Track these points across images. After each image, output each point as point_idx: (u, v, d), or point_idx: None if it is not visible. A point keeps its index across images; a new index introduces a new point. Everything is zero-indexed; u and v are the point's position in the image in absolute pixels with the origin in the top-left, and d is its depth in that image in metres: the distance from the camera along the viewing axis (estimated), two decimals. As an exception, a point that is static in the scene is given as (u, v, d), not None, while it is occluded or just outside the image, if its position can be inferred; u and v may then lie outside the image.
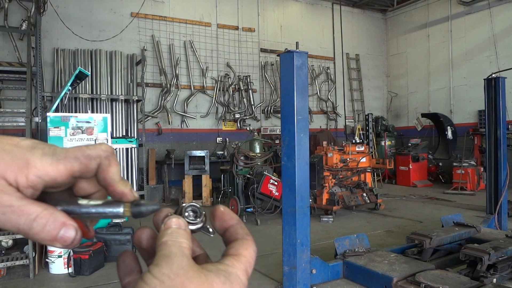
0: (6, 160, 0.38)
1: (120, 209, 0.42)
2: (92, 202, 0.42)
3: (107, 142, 5.49)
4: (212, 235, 0.46)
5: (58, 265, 4.88)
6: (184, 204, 0.45)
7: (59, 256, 4.87)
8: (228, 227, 0.46)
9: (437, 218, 6.65)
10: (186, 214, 0.44)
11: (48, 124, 5.24)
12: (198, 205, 0.45)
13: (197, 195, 9.85)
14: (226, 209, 0.47)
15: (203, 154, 9.82)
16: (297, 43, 4.49)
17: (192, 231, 0.43)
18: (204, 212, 0.45)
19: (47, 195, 0.40)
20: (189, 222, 0.43)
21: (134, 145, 8.51)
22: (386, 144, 14.18)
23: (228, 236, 0.46)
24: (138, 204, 0.43)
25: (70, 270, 4.81)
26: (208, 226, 0.46)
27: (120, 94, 10.34)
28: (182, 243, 0.39)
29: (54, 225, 0.38)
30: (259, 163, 8.39)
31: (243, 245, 0.44)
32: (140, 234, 0.45)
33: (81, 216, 0.41)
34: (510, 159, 6.85)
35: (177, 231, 0.40)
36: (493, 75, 6.24)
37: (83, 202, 0.42)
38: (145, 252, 0.45)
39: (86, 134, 5.40)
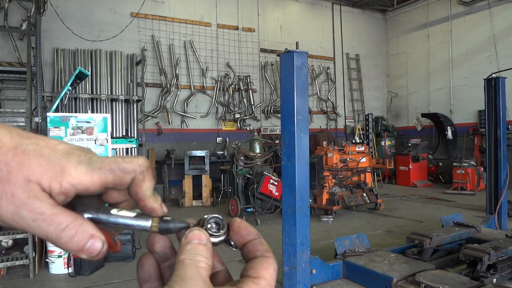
0: (42, 166, 0.37)
1: (148, 223, 0.42)
2: (121, 213, 0.42)
3: (107, 142, 5.49)
4: (234, 249, 0.46)
5: (58, 265, 4.88)
6: (206, 216, 0.44)
7: (59, 256, 4.87)
8: (246, 242, 0.45)
9: (437, 218, 6.65)
10: (209, 226, 0.43)
11: (48, 124, 5.24)
12: (221, 217, 0.44)
13: (197, 195, 9.85)
14: (243, 222, 0.46)
15: (203, 154, 9.82)
16: (297, 43, 4.49)
17: (214, 244, 0.43)
18: (227, 224, 0.45)
19: (76, 199, 0.40)
20: (211, 235, 0.43)
21: (134, 145, 8.51)
22: (386, 144, 14.18)
23: (246, 252, 0.45)
24: (167, 221, 0.43)
25: (70, 270, 4.81)
26: (230, 240, 0.45)
27: (120, 94, 10.34)
28: (200, 263, 0.38)
29: (82, 237, 0.38)
30: (259, 163, 8.39)
31: (263, 264, 0.42)
32: (153, 240, 0.45)
33: (108, 226, 0.41)
34: (510, 159, 6.85)
35: (197, 248, 0.39)
36: (493, 75, 6.24)
37: (113, 211, 0.42)
38: (158, 255, 0.45)
39: (86, 134, 5.40)
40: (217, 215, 0.44)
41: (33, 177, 0.36)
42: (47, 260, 4.96)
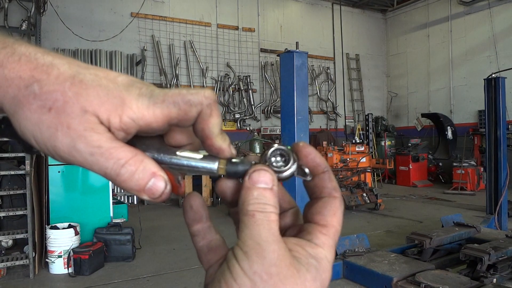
0: (101, 97, 0.34)
1: (215, 165, 0.38)
2: (185, 154, 0.38)
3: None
4: (309, 179, 0.40)
5: (58, 265, 4.88)
6: (269, 150, 0.39)
7: (59, 256, 4.87)
8: (314, 174, 0.40)
9: (437, 218, 6.65)
10: (273, 160, 0.38)
11: (48, 124, 5.23)
12: (284, 147, 0.39)
13: (197, 195, 9.84)
14: (310, 148, 0.40)
15: (203, 154, 9.81)
16: (297, 43, 4.50)
17: (282, 179, 0.38)
18: (294, 155, 0.39)
19: (137, 139, 0.37)
20: (278, 171, 0.38)
21: (134, 145, 8.51)
22: (386, 144, 14.19)
23: (312, 187, 0.40)
24: (235, 163, 0.38)
25: (70, 270, 4.81)
26: (303, 168, 0.39)
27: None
28: (271, 215, 0.35)
29: (144, 174, 0.34)
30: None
31: (331, 209, 0.39)
32: (223, 187, 0.40)
33: (171, 167, 0.37)
34: (510, 159, 6.85)
35: (265, 195, 0.35)
36: (493, 75, 6.25)
37: (177, 152, 0.38)
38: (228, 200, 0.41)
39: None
40: (280, 146, 0.39)
41: (90, 108, 0.33)
42: (47, 260, 4.96)
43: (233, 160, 0.38)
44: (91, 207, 5.59)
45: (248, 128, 12.74)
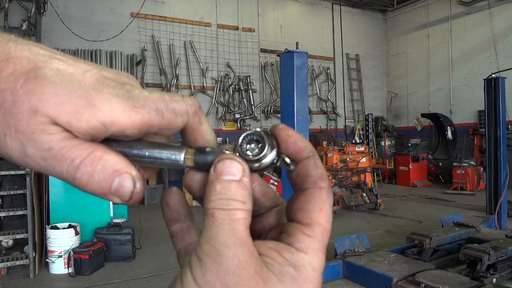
0: (59, 95, 0.28)
1: (181, 155, 0.32)
2: (146, 144, 0.32)
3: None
4: (292, 167, 0.34)
5: (58, 265, 4.88)
6: (241, 136, 0.33)
7: (59, 256, 4.88)
8: (297, 161, 0.34)
9: (437, 218, 6.66)
10: (247, 147, 0.32)
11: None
12: (260, 131, 0.33)
13: (197, 195, 9.84)
14: (291, 131, 0.34)
15: (203, 154, 9.82)
16: (297, 43, 4.50)
17: (259, 170, 0.33)
18: (272, 140, 0.33)
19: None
20: (251, 160, 0.32)
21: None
22: (386, 144, 14.19)
23: (294, 177, 0.34)
24: (205, 152, 0.32)
25: (70, 270, 4.81)
26: (284, 157, 0.33)
27: (120, 94, 10.34)
28: (235, 214, 0.29)
29: (104, 174, 0.28)
30: (259, 163, 8.39)
31: (316, 203, 0.32)
32: (188, 180, 0.35)
33: (132, 159, 0.32)
34: (510, 159, 6.86)
35: (229, 188, 0.30)
36: (493, 75, 6.25)
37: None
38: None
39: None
40: (254, 130, 0.33)
41: (43, 108, 0.28)
42: (47, 260, 4.96)
43: (204, 148, 0.33)
44: (91, 207, 5.59)
45: (248, 128, 12.72)
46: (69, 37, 10.32)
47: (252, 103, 13.03)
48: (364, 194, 8.40)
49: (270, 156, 0.32)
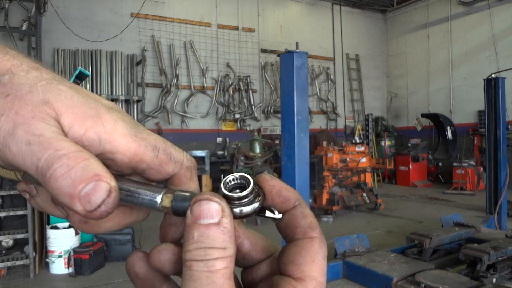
0: (74, 101, 0.29)
1: (158, 197, 0.30)
2: (126, 180, 0.31)
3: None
4: (278, 216, 0.32)
5: (58, 265, 4.89)
6: (225, 178, 0.31)
7: (60, 256, 4.88)
8: (283, 211, 0.33)
9: (437, 218, 6.66)
10: (229, 189, 0.30)
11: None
12: (246, 175, 0.31)
13: (197, 195, 9.84)
14: (275, 181, 0.33)
15: (203, 155, 9.83)
16: (297, 43, 4.50)
17: (242, 216, 0.30)
18: (255, 186, 0.31)
19: None
20: (234, 204, 0.30)
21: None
22: (386, 144, 14.19)
23: (283, 228, 0.33)
24: (184, 197, 0.30)
25: (70, 270, 4.81)
26: (268, 206, 0.32)
27: (120, 94, 10.35)
28: (214, 265, 0.27)
29: (82, 173, 0.26)
30: (259, 163, 8.40)
31: (307, 255, 0.30)
32: (166, 228, 0.34)
33: None
34: (510, 159, 6.86)
35: (208, 234, 0.27)
36: (493, 75, 6.25)
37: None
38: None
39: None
40: (240, 173, 0.31)
41: (54, 103, 0.28)
42: (47, 260, 4.97)
43: (183, 191, 0.30)
44: (91, 207, 5.57)
45: (248, 128, 12.74)
46: (69, 37, 10.32)
47: (252, 103, 13.03)
48: (364, 194, 8.40)
49: (255, 202, 0.30)
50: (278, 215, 0.32)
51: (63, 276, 4.84)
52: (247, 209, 0.30)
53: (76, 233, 5.04)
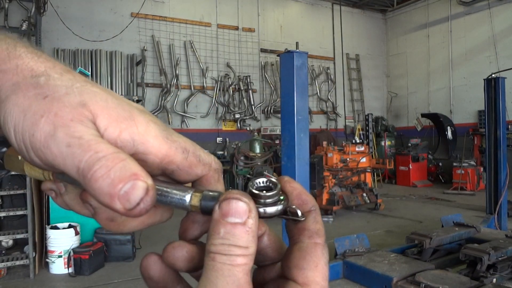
0: (108, 102, 0.30)
1: (187, 196, 0.31)
2: (156, 178, 0.32)
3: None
4: (301, 220, 0.33)
5: (58, 265, 4.88)
6: (255, 179, 0.32)
7: (59, 256, 4.88)
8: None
9: (437, 218, 6.66)
10: (254, 189, 0.31)
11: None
12: (273, 178, 0.32)
13: (197, 195, 9.85)
14: (295, 183, 0.34)
15: (203, 154, 9.82)
16: (297, 43, 4.50)
17: (266, 217, 0.32)
18: (280, 188, 0.32)
19: None
20: (261, 202, 0.31)
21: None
22: (386, 144, 14.20)
23: (291, 229, 0.34)
24: (212, 196, 0.31)
25: (70, 270, 4.81)
26: (294, 207, 0.33)
27: (120, 94, 10.31)
28: (236, 259, 0.28)
29: (121, 173, 0.27)
30: (259, 163, 8.40)
31: (311, 260, 0.32)
32: (188, 226, 0.35)
33: None
34: (510, 159, 6.86)
35: (233, 232, 0.29)
36: (493, 75, 6.25)
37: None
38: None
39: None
40: (267, 174, 0.33)
41: (91, 106, 0.30)
42: (47, 260, 4.96)
43: (210, 193, 0.31)
44: (91, 207, 5.58)
45: (248, 128, 12.74)
46: (69, 37, 10.32)
47: (252, 103, 13.03)
48: (364, 194, 8.40)
49: (278, 204, 0.32)
50: (302, 217, 0.33)
51: (63, 276, 4.84)
52: (271, 209, 0.31)
53: (76, 233, 5.04)
